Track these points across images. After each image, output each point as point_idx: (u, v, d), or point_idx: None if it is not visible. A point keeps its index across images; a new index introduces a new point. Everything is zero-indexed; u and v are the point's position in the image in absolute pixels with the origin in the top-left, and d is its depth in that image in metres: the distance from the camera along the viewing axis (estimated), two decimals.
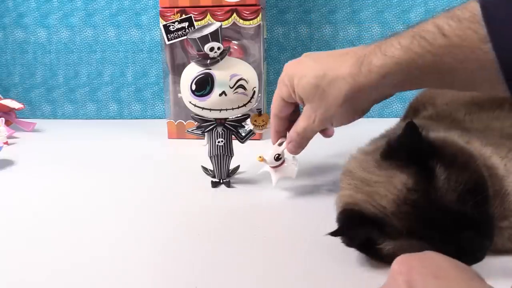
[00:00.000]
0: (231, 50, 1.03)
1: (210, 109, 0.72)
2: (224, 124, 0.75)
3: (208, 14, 1.04)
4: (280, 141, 0.71)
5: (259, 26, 1.04)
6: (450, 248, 0.42)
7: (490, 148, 0.53)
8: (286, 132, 0.71)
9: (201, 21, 1.04)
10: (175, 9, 1.04)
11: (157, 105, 1.37)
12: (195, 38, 0.69)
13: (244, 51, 1.07)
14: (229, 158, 0.77)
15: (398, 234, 0.47)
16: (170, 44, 1.05)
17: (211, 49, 0.70)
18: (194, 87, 0.71)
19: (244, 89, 0.72)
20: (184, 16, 1.02)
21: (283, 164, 0.71)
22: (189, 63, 0.75)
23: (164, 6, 1.05)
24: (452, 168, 0.47)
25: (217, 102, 0.71)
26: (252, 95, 0.74)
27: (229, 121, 0.75)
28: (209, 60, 0.70)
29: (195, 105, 0.72)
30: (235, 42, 1.07)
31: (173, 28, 1.01)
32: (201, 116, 0.75)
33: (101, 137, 1.18)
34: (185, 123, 1.10)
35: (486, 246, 0.46)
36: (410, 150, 0.48)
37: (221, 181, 0.78)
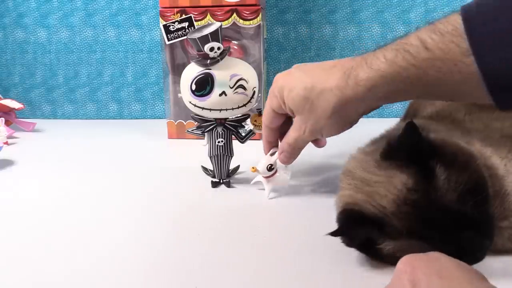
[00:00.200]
0: (231, 50, 1.03)
1: (210, 109, 0.72)
2: (224, 124, 0.75)
3: (208, 14, 1.04)
4: (272, 151, 0.72)
5: (259, 26, 1.04)
6: (450, 248, 0.42)
7: (490, 148, 0.53)
8: (278, 142, 0.72)
9: (201, 21, 1.04)
10: (175, 9, 1.04)
11: (157, 105, 1.37)
12: (195, 38, 0.69)
13: (244, 51, 1.07)
14: (229, 158, 0.77)
15: (398, 234, 0.47)
16: (170, 44, 1.05)
17: (211, 49, 0.70)
18: (194, 87, 0.71)
19: (244, 89, 0.72)
20: (184, 16, 1.02)
21: (276, 174, 0.72)
22: (189, 63, 0.75)
23: (164, 6, 1.05)
24: (452, 168, 0.47)
25: (217, 102, 0.71)
26: (252, 95, 0.74)
27: (229, 121, 0.75)
28: (209, 60, 0.70)
29: (195, 105, 0.72)
30: (235, 42, 1.07)
31: (173, 28, 1.01)
32: (201, 116, 0.75)
33: (101, 137, 1.18)
34: (185, 123, 1.10)
35: (486, 246, 0.46)
36: (410, 150, 0.48)
37: (221, 181, 0.78)
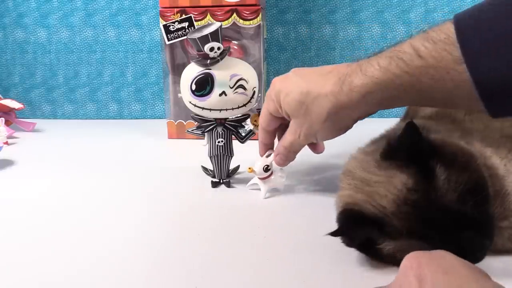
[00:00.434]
0: (231, 50, 1.03)
1: (210, 109, 0.72)
2: (224, 124, 0.75)
3: (208, 14, 1.04)
4: (268, 153, 0.73)
5: (259, 26, 1.04)
6: (450, 248, 0.42)
7: (490, 148, 0.53)
8: (274, 144, 0.73)
9: (201, 21, 1.04)
10: (175, 9, 1.04)
11: (157, 105, 1.37)
12: (195, 38, 0.69)
13: (244, 51, 1.07)
14: (229, 158, 0.77)
15: (398, 234, 0.47)
16: (170, 44, 1.05)
17: (211, 49, 0.70)
18: (194, 87, 0.71)
19: (244, 89, 0.72)
20: (184, 16, 1.02)
21: (271, 176, 0.72)
22: (189, 63, 0.75)
23: (164, 6, 1.05)
24: (452, 168, 0.47)
25: (217, 102, 0.71)
26: (252, 95, 0.74)
27: (229, 121, 0.75)
28: (209, 60, 0.70)
29: (195, 105, 0.72)
30: (235, 42, 1.07)
31: (173, 28, 1.01)
32: (201, 116, 0.75)
33: (101, 137, 1.18)
34: (185, 123, 1.10)
35: (486, 246, 0.46)
36: (410, 150, 0.48)
37: (221, 181, 0.78)
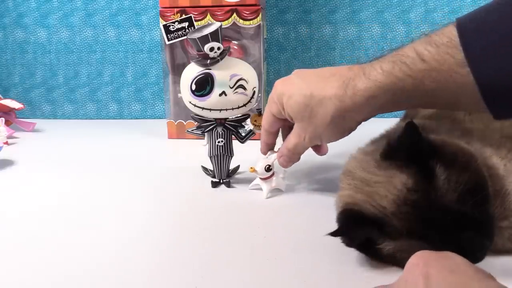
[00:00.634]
0: (231, 50, 1.03)
1: (210, 109, 0.72)
2: (224, 124, 0.75)
3: (208, 14, 1.04)
4: (270, 153, 0.73)
5: (259, 26, 1.04)
6: (450, 248, 0.42)
7: (490, 148, 0.53)
8: (276, 144, 0.73)
9: (201, 21, 1.04)
10: (175, 9, 1.04)
11: (157, 105, 1.37)
12: (195, 38, 0.69)
13: (244, 51, 1.07)
14: (229, 158, 0.77)
15: (398, 234, 0.47)
16: (170, 44, 1.05)
17: (211, 49, 0.70)
18: (194, 87, 0.71)
19: (244, 89, 0.72)
20: (184, 16, 1.02)
21: (273, 176, 0.72)
22: (189, 63, 0.75)
23: (164, 6, 1.05)
24: (452, 168, 0.47)
25: (217, 102, 0.71)
26: (252, 95, 0.74)
27: (229, 121, 0.75)
28: (209, 60, 0.70)
29: (195, 105, 0.72)
30: (235, 42, 1.07)
31: (173, 28, 1.01)
32: (201, 116, 0.75)
33: (101, 137, 1.18)
34: (185, 123, 1.10)
35: (486, 246, 0.46)
36: (410, 150, 0.48)
37: (221, 181, 0.78)
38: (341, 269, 0.51)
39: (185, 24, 1.01)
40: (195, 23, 1.01)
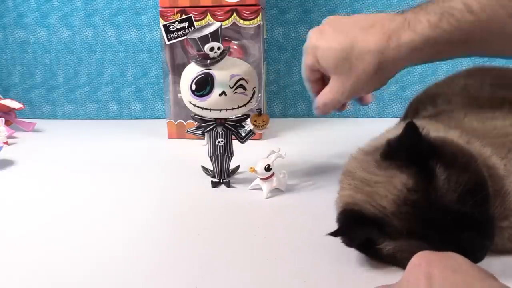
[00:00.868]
0: (231, 50, 1.03)
1: (210, 109, 0.72)
2: (224, 124, 0.75)
3: (208, 14, 1.04)
4: (270, 153, 0.73)
5: (259, 26, 1.04)
6: (450, 249, 0.42)
7: (490, 148, 0.53)
8: (277, 148, 0.73)
9: (201, 21, 1.04)
10: (175, 9, 1.04)
11: (157, 105, 1.37)
12: (195, 38, 0.69)
13: (244, 51, 1.07)
14: (229, 158, 0.77)
15: (398, 234, 0.47)
16: (170, 44, 1.05)
17: (211, 49, 0.70)
18: (194, 87, 0.71)
19: (244, 89, 0.72)
20: (184, 16, 1.02)
21: (273, 176, 0.72)
22: (189, 63, 0.75)
23: (164, 6, 1.05)
24: (452, 168, 0.47)
25: (217, 102, 0.71)
26: (252, 95, 0.74)
27: (229, 121, 0.75)
28: (209, 60, 0.70)
29: (195, 105, 0.72)
30: (235, 42, 1.07)
31: (173, 28, 1.01)
32: (201, 116, 0.75)
33: (101, 137, 1.18)
34: (185, 123, 1.10)
35: (487, 246, 0.46)
36: (410, 150, 0.48)
37: (221, 181, 0.78)
38: (341, 269, 0.51)
39: (185, 24, 1.01)
40: (195, 23, 1.01)
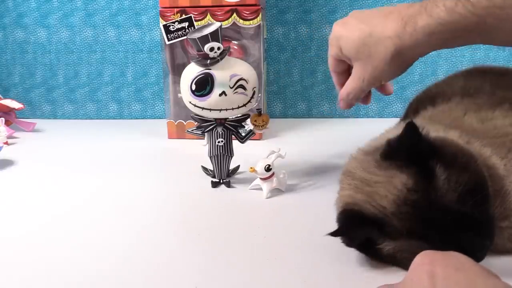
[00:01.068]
0: (231, 50, 1.03)
1: (210, 109, 0.72)
2: (224, 124, 0.75)
3: (208, 14, 1.04)
4: (270, 153, 0.73)
5: (259, 26, 1.04)
6: (450, 249, 0.42)
7: (490, 148, 0.53)
8: (277, 148, 0.73)
9: (201, 21, 1.04)
10: (175, 9, 1.04)
11: (157, 105, 1.37)
12: (195, 38, 0.69)
13: (244, 51, 1.07)
14: (229, 158, 0.77)
15: (398, 234, 0.47)
16: (170, 44, 1.05)
17: (211, 49, 0.70)
18: (194, 87, 0.71)
19: (244, 89, 0.72)
20: (184, 16, 1.02)
21: (273, 176, 0.72)
22: (189, 63, 0.75)
23: (164, 6, 1.05)
24: (452, 168, 0.47)
25: (217, 102, 0.71)
26: (252, 95, 0.74)
27: (229, 121, 0.75)
28: (209, 60, 0.70)
29: (195, 105, 0.72)
30: (235, 42, 1.07)
31: (173, 28, 1.01)
32: (201, 116, 0.75)
33: (101, 137, 1.18)
34: (185, 123, 1.10)
35: (486, 246, 0.46)
36: (410, 150, 0.48)
37: (221, 181, 0.78)
38: (341, 269, 0.51)
39: (185, 24, 1.01)
40: (195, 23, 1.01)
